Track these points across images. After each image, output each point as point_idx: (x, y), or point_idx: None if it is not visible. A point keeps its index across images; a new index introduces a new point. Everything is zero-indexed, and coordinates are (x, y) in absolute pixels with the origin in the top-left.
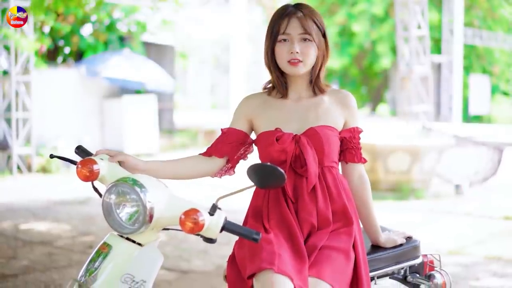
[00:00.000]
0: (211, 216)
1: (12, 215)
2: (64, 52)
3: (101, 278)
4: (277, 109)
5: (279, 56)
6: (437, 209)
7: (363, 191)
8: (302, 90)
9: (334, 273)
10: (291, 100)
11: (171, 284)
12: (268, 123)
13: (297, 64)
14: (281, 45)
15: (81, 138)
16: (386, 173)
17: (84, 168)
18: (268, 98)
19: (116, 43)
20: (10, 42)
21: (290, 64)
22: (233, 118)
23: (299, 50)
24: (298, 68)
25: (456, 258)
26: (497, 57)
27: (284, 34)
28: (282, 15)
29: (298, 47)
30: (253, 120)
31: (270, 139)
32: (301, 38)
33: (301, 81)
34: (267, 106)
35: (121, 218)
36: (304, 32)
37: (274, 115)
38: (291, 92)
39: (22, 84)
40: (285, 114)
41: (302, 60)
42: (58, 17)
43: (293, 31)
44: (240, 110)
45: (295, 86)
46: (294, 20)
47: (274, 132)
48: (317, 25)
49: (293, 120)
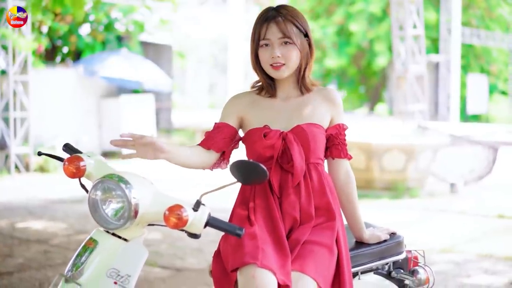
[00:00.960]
0: (195, 212)
1: (9, 213)
2: (63, 51)
3: (87, 272)
4: (266, 108)
5: (262, 61)
6: (432, 208)
7: (349, 187)
8: (290, 90)
9: (317, 267)
10: (279, 99)
11: (165, 282)
12: (256, 120)
13: (280, 67)
14: (263, 50)
15: (79, 138)
16: (381, 172)
17: (70, 165)
18: (257, 97)
19: (114, 43)
20: (7, 42)
21: (273, 68)
22: (224, 114)
23: (280, 54)
24: (281, 71)
25: (448, 256)
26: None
27: (265, 39)
28: (262, 20)
29: (279, 51)
30: (243, 117)
31: (258, 135)
32: (282, 42)
33: (287, 82)
34: (256, 105)
35: (107, 214)
36: (283, 36)
37: (263, 114)
38: (279, 92)
39: (20, 84)
40: (273, 113)
41: (285, 63)
42: (56, 17)
43: (273, 36)
44: (231, 108)
45: (282, 86)
46: (273, 25)
47: (262, 129)
48: (297, 27)
49: (281, 118)
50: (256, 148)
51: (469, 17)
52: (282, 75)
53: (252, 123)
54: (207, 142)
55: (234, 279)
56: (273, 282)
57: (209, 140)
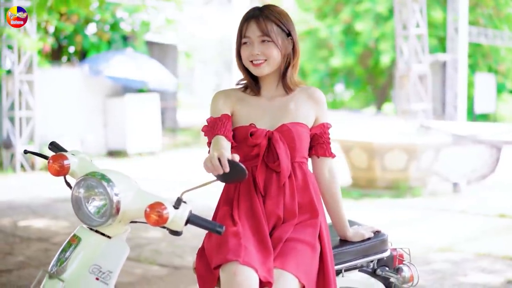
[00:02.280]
0: (176, 210)
1: (12, 212)
2: (69, 51)
3: (70, 268)
4: (252, 106)
5: (243, 58)
6: (433, 207)
7: (333, 185)
8: (273, 88)
9: (299, 264)
10: (265, 98)
11: (163, 280)
12: (243, 118)
13: (260, 65)
14: (244, 48)
15: (84, 137)
16: (383, 171)
17: (55, 163)
18: (243, 95)
19: (119, 43)
20: (13, 42)
21: (253, 65)
22: (218, 109)
23: (259, 52)
24: (261, 68)
25: (446, 255)
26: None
27: (245, 37)
28: (244, 19)
29: (258, 48)
30: (232, 113)
31: (244, 133)
32: (260, 40)
33: (270, 81)
34: (243, 103)
35: (90, 211)
36: (262, 34)
37: (249, 112)
38: (264, 90)
39: (26, 83)
40: (259, 111)
41: (266, 59)
42: (61, 16)
43: (252, 34)
44: (224, 101)
45: (266, 85)
46: (253, 24)
47: (248, 127)
48: (279, 26)
49: (267, 117)
50: (242, 146)
51: (476, 16)
52: (262, 72)
53: (239, 120)
54: (229, 134)
55: (217, 276)
56: (254, 279)
57: (229, 132)
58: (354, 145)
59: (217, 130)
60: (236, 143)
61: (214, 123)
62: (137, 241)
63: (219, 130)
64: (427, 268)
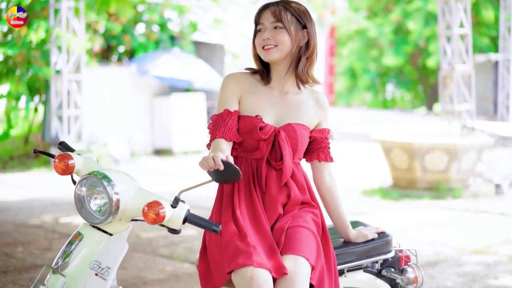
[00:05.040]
0: (173, 209)
1: (55, 208)
2: (119, 50)
3: (72, 264)
4: (262, 97)
5: (256, 45)
6: (473, 209)
7: (334, 188)
8: (283, 80)
9: (305, 247)
10: (277, 91)
11: (191, 277)
12: (250, 108)
13: (270, 49)
14: (258, 35)
15: (130, 135)
16: (423, 172)
17: (60, 163)
18: (254, 81)
19: (167, 43)
20: (62, 42)
21: (264, 50)
22: (226, 96)
23: (270, 37)
24: (271, 53)
25: (479, 257)
26: None
27: (259, 24)
28: (260, 9)
29: (270, 34)
30: (240, 99)
31: (250, 125)
32: (273, 27)
33: (281, 69)
34: (253, 90)
35: (91, 209)
36: (275, 20)
37: (258, 102)
38: (275, 82)
39: (74, 83)
40: (267, 104)
41: (276, 45)
42: (110, 17)
43: (266, 20)
44: (233, 89)
45: (276, 74)
46: (267, 11)
47: (256, 120)
48: (294, 16)
49: (274, 111)
50: (247, 137)
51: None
52: (271, 56)
53: (246, 108)
54: (229, 133)
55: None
56: (269, 279)
57: (227, 131)
58: (394, 145)
59: (217, 131)
60: (243, 132)
61: (216, 121)
62: (171, 239)
63: (218, 130)
64: (458, 270)
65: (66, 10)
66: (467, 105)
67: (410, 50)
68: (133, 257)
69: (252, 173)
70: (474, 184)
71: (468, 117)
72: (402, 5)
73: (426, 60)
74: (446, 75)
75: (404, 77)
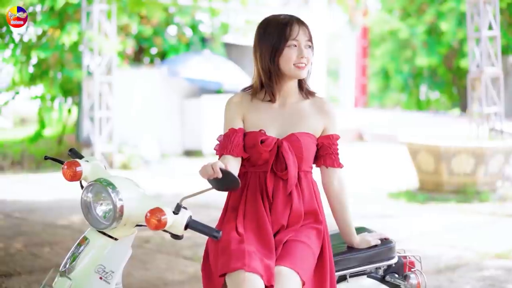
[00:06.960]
0: (175, 215)
1: None
2: (150, 53)
3: (78, 268)
4: (263, 112)
5: (286, 59)
6: (500, 212)
7: (342, 194)
8: (289, 95)
9: (299, 261)
10: (277, 104)
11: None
12: (254, 124)
13: (304, 67)
14: (290, 50)
15: (161, 137)
16: (450, 175)
17: (69, 169)
18: (254, 99)
19: (198, 45)
20: (94, 45)
21: (297, 67)
22: (230, 117)
23: (307, 56)
24: (303, 71)
25: (501, 262)
26: None
27: (295, 40)
28: (290, 22)
29: (306, 52)
30: (244, 119)
31: (254, 140)
32: (307, 45)
33: (290, 86)
34: (254, 108)
35: (97, 214)
36: (309, 39)
37: (260, 118)
38: (281, 96)
39: (106, 84)
40: (270, 118)
41: (306, 64)
42: (142, 19)
43: (302, 38)
44: (235, 110)
45: (283, 91)
46: (303, 28)
47: (259, 134)
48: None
49: (277, 124)
50: (252, 152)
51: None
52: (302, 75)
53: (249, 125)
54: (236, 149)
55: (221, 283)
56: (260, 284)
57: (234, 148)
58: (421, 148)
59: (224, 148)
60: (246, 148)
61: (222, 141)
62: (195, 240)
63: (225, 148)
64: (478, 274)
65: (98, 13)
66: (495, 107)
67: (443, 51)
68: (156, 258)
69: (260, 186)
70: (502, 187)
71: (497, 120)
72: (435, 5)
73: (459, 61)
74: (474, 78)
75: (437, 78)
